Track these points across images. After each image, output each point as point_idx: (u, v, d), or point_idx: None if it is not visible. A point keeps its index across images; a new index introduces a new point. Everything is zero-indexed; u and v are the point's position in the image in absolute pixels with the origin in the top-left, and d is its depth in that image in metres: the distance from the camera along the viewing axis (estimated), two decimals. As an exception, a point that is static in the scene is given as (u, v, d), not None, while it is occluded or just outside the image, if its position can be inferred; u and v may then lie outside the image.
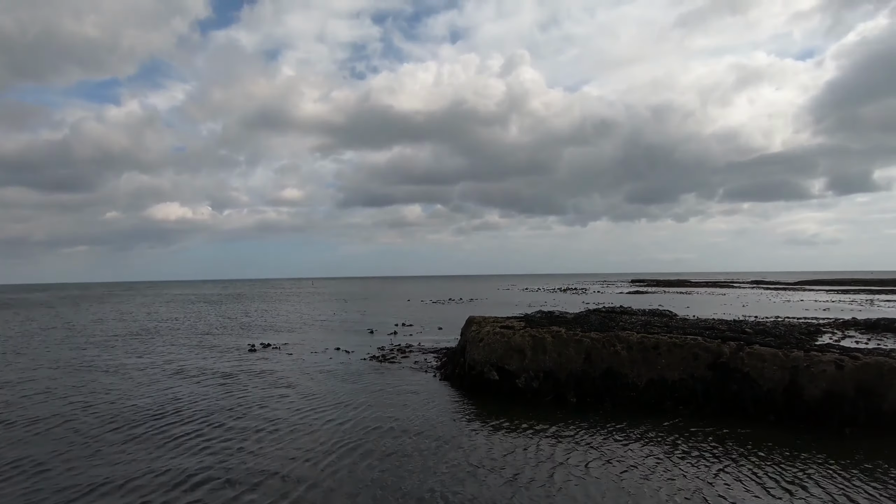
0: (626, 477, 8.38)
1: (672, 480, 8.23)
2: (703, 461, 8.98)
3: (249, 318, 39.81)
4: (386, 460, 9.20)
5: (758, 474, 8.40)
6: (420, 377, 16.40)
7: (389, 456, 9.40)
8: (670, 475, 8.43)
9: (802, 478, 8.25)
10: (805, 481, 8.12)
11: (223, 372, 17.67)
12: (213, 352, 22.54)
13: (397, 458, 9.28)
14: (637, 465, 8.84)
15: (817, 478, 8.24)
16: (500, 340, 14.21)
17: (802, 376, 11.13)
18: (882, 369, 10.64)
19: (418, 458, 9.26)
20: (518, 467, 8.81)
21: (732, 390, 11.71)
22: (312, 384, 15.66)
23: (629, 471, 8.62)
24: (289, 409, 12.70)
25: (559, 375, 13.23)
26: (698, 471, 8.59)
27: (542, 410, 12.24)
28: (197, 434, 10.82)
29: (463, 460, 9.16)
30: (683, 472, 8.56)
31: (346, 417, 11.92)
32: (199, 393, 14.60)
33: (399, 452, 9.58)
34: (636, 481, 8.20)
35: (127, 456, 9.55)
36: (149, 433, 10.92)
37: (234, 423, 11.59)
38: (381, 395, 14.05)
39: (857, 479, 8.18)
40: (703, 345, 12.46)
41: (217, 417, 12.02)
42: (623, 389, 12.60)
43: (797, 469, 8.59)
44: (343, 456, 9.40)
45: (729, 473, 8.45)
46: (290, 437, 10.59)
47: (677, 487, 7.97)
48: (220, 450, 9.81)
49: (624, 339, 13.25)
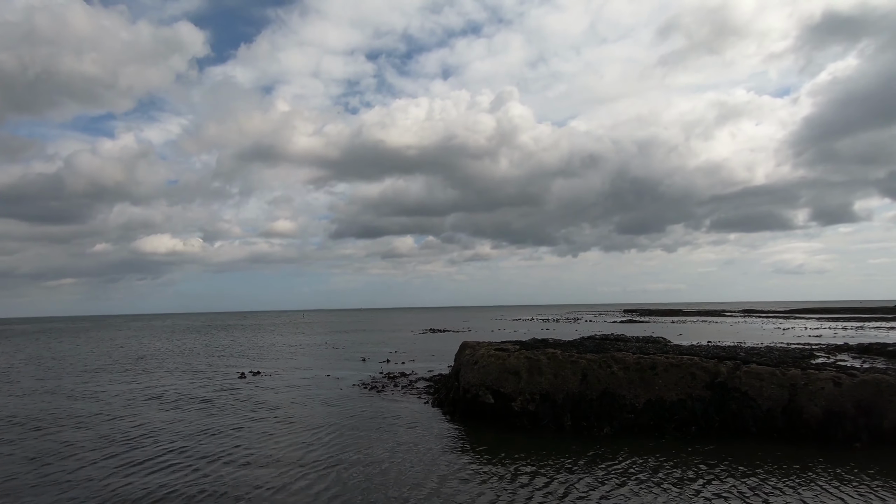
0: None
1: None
2: (712, 491, 8.71)
3: (240, 348, 39.00)
4: (360, 489, 8.82)
5: (766, 499, 8.15)
6: (410, 403, 16.00)
7: (365, 484, 9.03)
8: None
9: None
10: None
11: (206, 398, 17.14)
12: (199, 378, 21.92)
13: (374, 489, 8.90)
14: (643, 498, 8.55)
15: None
16: (495, 363, 13.96)
17: (801, 395, 10.99)
18: (880, 386, 10.55)
19: (396, 491, 8.85)
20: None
21: (732, 410, 11.51)
22: (297, 410, 15.20)
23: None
24: (268, 434, 12.26)
25: (556, 397, 12.95)
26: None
27: (538, 437, 11.78)
28: (161, 457, 10.41)
29: (449, 496, 8.81)
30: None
31: (325, 443, 11.51)
32: (176, 418, 14.10)
33: (376, 482, 9.20)
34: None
35: (89, 477, 9.08)
36: (115, 456, 10.49)
37: (207, 447, 11.14)
38: (367, 422, 13.64)
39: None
40: (700, 364, 12.32)
41: (189, 441, 11.56)
42: (621, 411, 12.34)
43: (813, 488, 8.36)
44: (314, 484, 8.96)
45: (738, 499, 8.20)
46: (264, 461, 10.17)
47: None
48: (183, 474, 9.36)
49: (620, 359, 13.07)
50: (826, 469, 9.14)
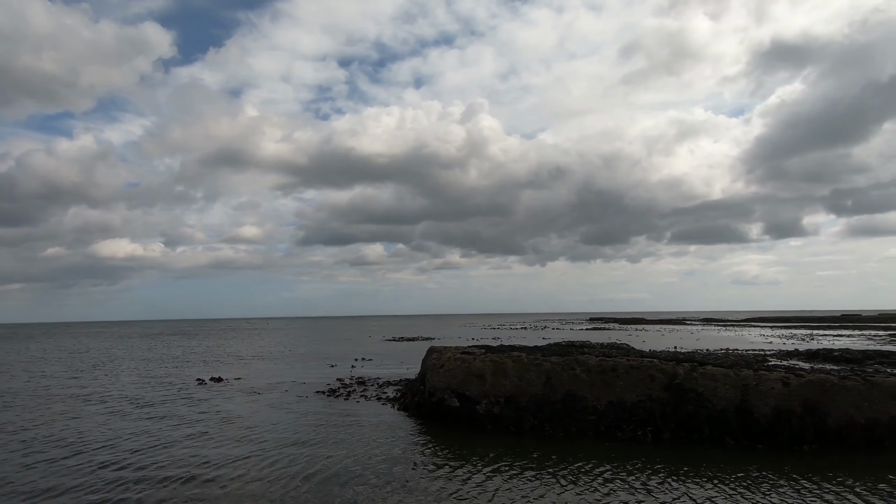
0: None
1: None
2: (665, 487, 8.95)
3: (200, 354, 37.72)
4: (323, 492, 8.68)
5: (716, 497, 8.43)
6: (376, 407, 15.84)
7: (328, 486, 8.89)
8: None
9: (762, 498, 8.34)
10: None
11: (162, 404, 16.49)
12: (156, 385, 21.08)
13: (337, 491, 8.78)
14: (600, 497, 8.71)
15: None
16: (460, 366, 13.99)
17: (753, 395, 11.45)
18: (825, 386, 11.11)
19: (358, 492, 8.77)
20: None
21: (688, 411, 11.87)
22: (258, 415, 14.82)
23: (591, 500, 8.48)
24: (226, 440, 11.90)
25: (520, 400, 13.08)
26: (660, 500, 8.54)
27: (500, 439, 11.90)
28: (101, 465, 9.97)
29: (413, 496, 8.77)
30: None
31: (287, 447, 11.26)
32: (126, 425, 13.51)
33: (340, 483, 9.08)
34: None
35: (22, 483, 8.61)
36: (54, 462, 9.97)
37: (157, 456, 10.73)
38: (332, 425, 13.42)
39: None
40: (658, 366, 12.68)
41: (136, 450, 11.10)
42: (583, 413, 12.55)
43: (759, 490, 8.69)
44: (273, 487, 8.78)
45: (690, 497, 8.45)
46: (222, 469, 9.87)
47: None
48: (123, 487, 9.00)
49: (583, 362, 13.32)
50: (774, 468, 9.55)
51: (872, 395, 10.85)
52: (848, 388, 10.98)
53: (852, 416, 10.71)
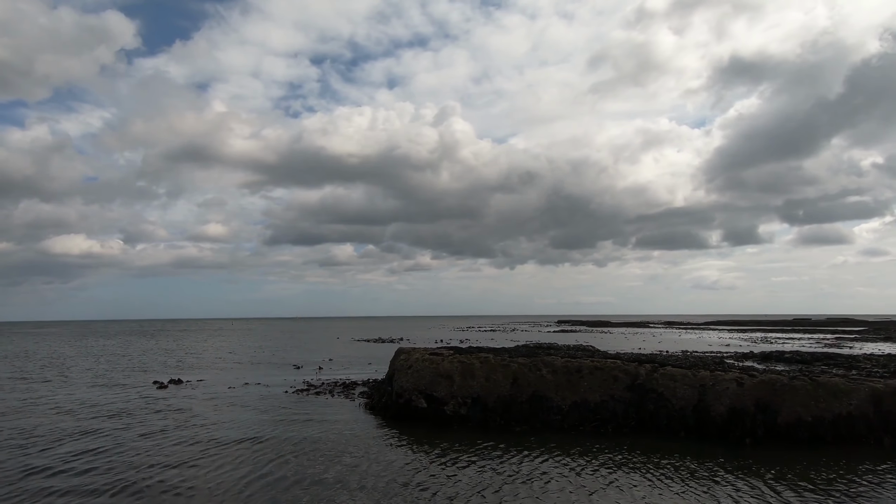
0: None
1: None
2: (621, 479, 9.21)
3: (161, 356, 36.42)
4: (281, 494, 8.57)
5: (667, 486, 8.74)
6: (343, 408, 15.68)
7: (293, 488, 8.78)
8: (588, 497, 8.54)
9: (711, 487, 8.69)
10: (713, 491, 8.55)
11: (119, 408, 15.87)
12: (112, 388, 20.24)
13: (302, 492, 8.68)
14: (559, 490, 8.89)
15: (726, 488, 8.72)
16: (428, 367, 14.02)
17: (709, 394, 11.91)
18: (775, 385, 11.67)
19: (324, 495, 8.68)
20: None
21: (649, 410, 12.26)
22: (221, 418, 14.45)
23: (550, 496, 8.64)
24: (180, 445, 11.56)
25: (487, 401, 13.20)
26: (618, 492, 8.78)
27: (466, 440, 11.93)
28: (29, 471, 9.53)
29: (374, 497, 8.75)
30: (603, 491, 8.72)
31: (250, 450, 11.04)
32: (81, 427, 12.95)
33: (304, 485, 8.98)
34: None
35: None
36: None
37: (113, 461, 10.35)
38: (297, 427, 13.22)
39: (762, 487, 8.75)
40: (622, 367, 13.04)
41: (92, 455, 10.68)
42: (549, 413, 12.78)
43: (708, 480, 9.05)
44: (237, 489, 8.64)
45: (642, 489, 8.73)
46: (185, 474, 9.61)
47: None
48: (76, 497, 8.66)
49: (549, 363, 13.57)
50: (727, 462, 9.97)
51: (818, 395, 11.46)
52: (796, 388, 11.56)
53: (800, 414, 11.28)
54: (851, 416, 11.24)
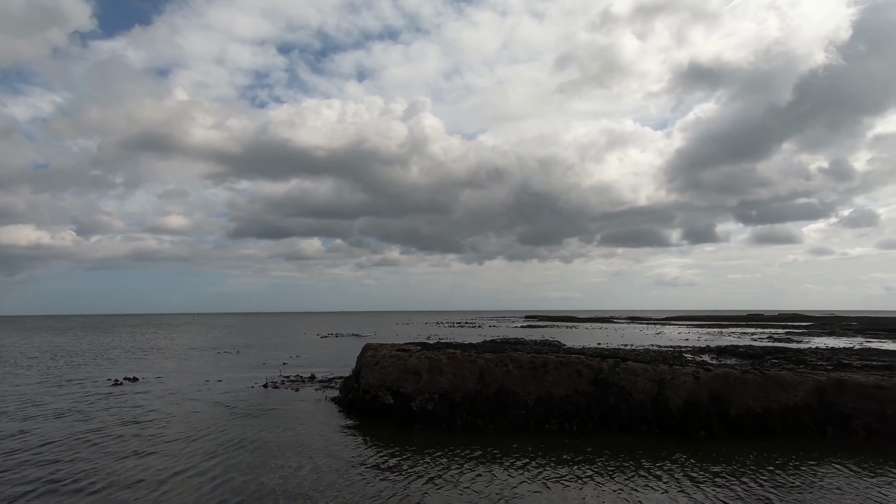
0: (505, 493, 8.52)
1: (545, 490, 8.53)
2: (580, 473, 9.46)
3: (116, 352, 34.97)
4: (251, 490, 8.44)
5: (627, 480, 9.03)
6: (309, 405, 15.49)
7: (256, 485, 8.65)
8: (548, 488, 8.75)
9: (668, 479, 9.04)
10: (669, 482, 8.89)
11: (71, 408, 15.18)
12: (63, 386, 19.32)
13: (265, 488, 8.56)
14: (520, 481, 9.06)
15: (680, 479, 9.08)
16: (395, 363, 13.99)
17: (668, 388, 12.35)
18: (728, 378, 12.20)
19: (295, 489, 8.61)
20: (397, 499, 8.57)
21: (611, 403, 12.61)
22: (180, 417, 14.04)
23: (510, 488, 8.80)
24: (139, 442, 11.21)
25: (454, 396, 13.28)
26: (579, 484, 9.02)
27: (431, 435, 11.99)
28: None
29: (348, 490, 8.72)
30: (563, 483, 8.94)
31: (212, 448, 10.79)
32: (27, 428, 12.35)
33: (268, 481, 8.85)
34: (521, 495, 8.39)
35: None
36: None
37: (69, 465, 9.93)
38: (262, 424, 12.98)
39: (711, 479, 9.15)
40: (585, 362, 13.35)
41: (45, 457, 10.22)
42: (514, 407, 12.97)
43: (664, 472, 9.40)
44: (198, 488, 8.45)
45: (601, 480, 9.00)
46: (144, 469, 9.31)
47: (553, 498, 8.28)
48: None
49: (515, 358, 13.76)
50: (683, 454, 10.38)
51: (768, 387, 12.05)
52: (748, 381, 12.13)
53: (750, 406, 11.85)
54: (797, 408, 11.88)
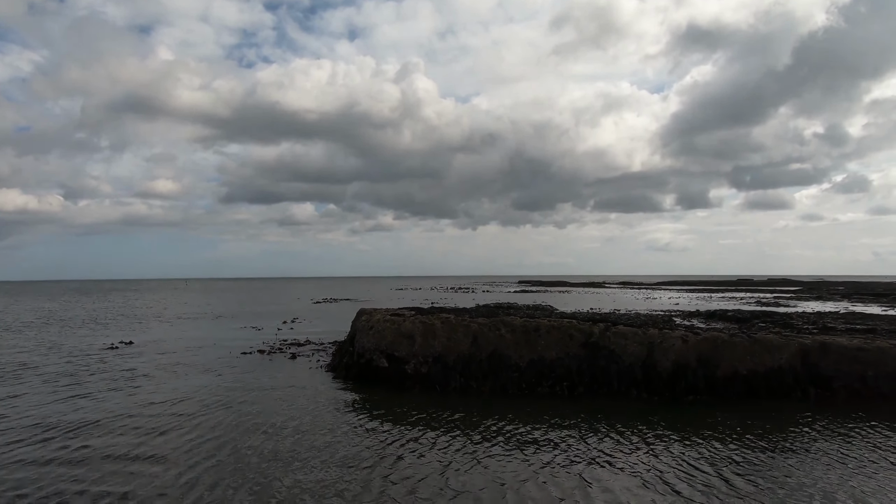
0: (497, 454, 8.77)
1: (531, 457, 8.79)
2: (569, 433, 9.73)
3: (110, 317, 35.06)
4: (251, 454, 8.62)
5: (599, 441, 9.31)
6: (304, 369, 15.71)
7: (257, 447, 8.83)
8: (535, 451, 9.01)
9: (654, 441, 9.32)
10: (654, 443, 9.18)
11: (65, 371, 15.30)
12: (57, 350, 19.43)
13: (265, 452, 8.75)
14: (496, 443, 9.31)
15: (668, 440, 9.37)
16: (390, 327, 14.12)
17: (657, 351, 12.59)
18: (716, 342, 12.44)
19: (287, 450, 8.81)
20: (388, 454, 8.79)
21: (601, 366, 12.87)
22: (177, 380, 14.21)
23: (502, 448, 9.05)
24: (134, 405, 11.37)
25: (448, 360, 13.49)
26: (566, 445, 9.28)
27: (426, 397, 12.34)
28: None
29: (337, 450, 8.92)
30: (554, 445, 9.20)
31: (210, 410, 10.96)
32: (23, 391, 12.46)
33: (268, 445, 9.04)
34: (513, 458, 8.64)
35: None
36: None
37: (65, 426, 10.08)
38: (258, 387, 13.18)
39: (704, 441, 9.45)
40: (577, 326, 13.54)
41: (43, 421, 10.36)
42: (507, 370, 13.22)
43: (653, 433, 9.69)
44: (198, 452, 8.62)
45: (574, 443, 9.27)
46: (139, 433, 9.47)
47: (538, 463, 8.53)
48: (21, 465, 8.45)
49: (508, 323, 13.92)
50: (668, 414, 10.69)
51: (754, 350, 12.32)
52: (735, 344, 12.37)
53: (736, 368, 12.14)
54: (781, 370, 12.19)
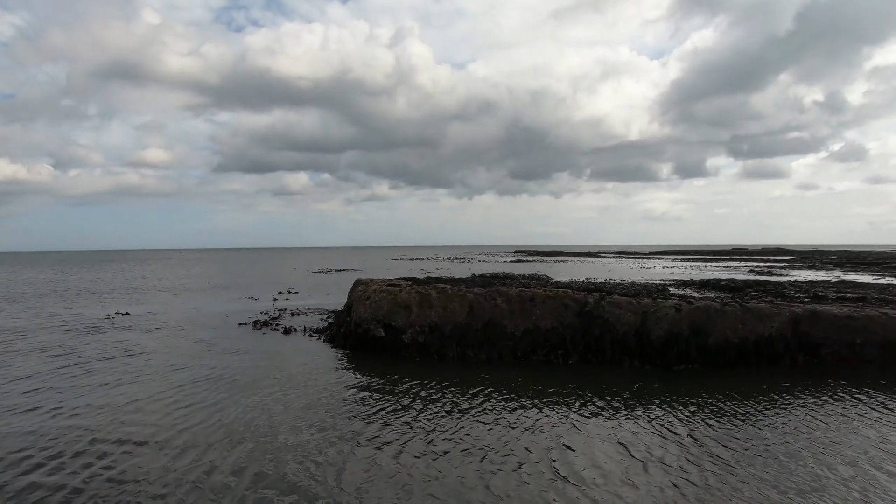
0: (486, 421, 8.95)
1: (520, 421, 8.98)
2: (556, 399, 9.93)
3: (105, 287, 35.04)
4: (251, 420, 8.76)
5: (580, 408, 9.51)
6: (302, 338, 15.84)
7: (255, 415, 8.98)
8: (531, 416, 9.19)
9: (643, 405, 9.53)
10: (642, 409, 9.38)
11: (63, 342, 15.37)
12: (54, 321, 19.47)
13: (264, 419, 8.89)
14: (480, 412, 9.49)
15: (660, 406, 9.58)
16: (386, 298, 14.18)
17: (650, 320, 12.74)
18: (709, 311, 12.59)
19: (286, 420, 8.96)
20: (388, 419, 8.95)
21: (595, 335, 13.03)
22: (176, 349, 14.31)
23: (498, 412, 9.23)
24: (143, 376, 11.48)
25: (444, 329, 13.62)
26: (559, 411, 9.47)
27: (423, 365, 12.54)
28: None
29: (331, 416, 9.07)
30: (545, 413, 9.38)
31: (209, 380, 11.09)
32: (15, 362, 12.55)
33: (268, 412, 9.18)
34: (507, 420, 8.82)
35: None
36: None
37: (65, 395, 10.18)
38: (256, 356, 13.31)
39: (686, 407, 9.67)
40: (572, 296, 13.63)
41: (39, 391, 10.45)
42: (502, 339, 13.38)
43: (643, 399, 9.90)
44: (194, 421, 8.76)
45: (583, 409, 9.46)
46: (138, 404, 9.59)
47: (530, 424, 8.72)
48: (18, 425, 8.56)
49: (504, 292, 13.99)
50: (655, 382, 10.90)
51: (746, 318, 12.48)
52: (727, 313, 12.53)
53: (728, 336, 12.33)
54: (772, 338, 12.39)
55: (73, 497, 5.99)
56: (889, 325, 12.35)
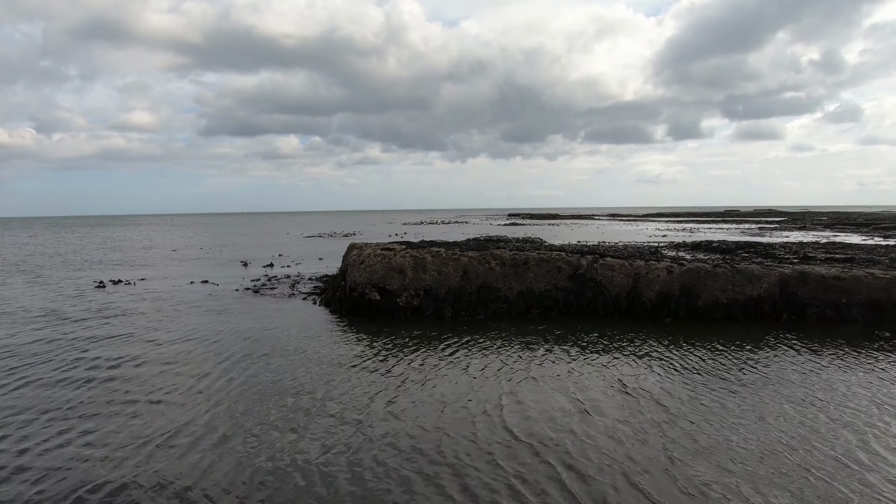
0: (479, 374, 9.17)
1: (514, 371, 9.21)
2: (553, 354, 10.15)
3: (95, 254, 34.85)
4: (247, 386, 8.93)
5: (601, 361, 9.75)
6: (296, 303, 15.95)
7: (252, 381, 9.14)
8: (525, 367, 9.42)
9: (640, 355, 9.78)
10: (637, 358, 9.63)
11: (53, 309, 15.41)
12: (43, 288, 19.44)
13: (261, 385, 9.06)
14: (496, 364, 9.71)
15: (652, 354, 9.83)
16: (381, 262, 14.22)
17: (642, 282, 12.92)
18: (699, 273, 12.76)
19: (282, 383, 9.14)
20: (384, 384, 9.14)
21: (588, 297, 13.23)
22: (169, 317, 14.39)
23: (489, 367, 9.45)
24: (136, 344, 11.60)
25: (438, 292, 13.75)
26: (551, 364, 9.70)
27: (419, 326, 12.72)
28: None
29: (333, 376, 9.25)
30: (536, 364, 9.61)
31: (203, 347, 11.23)
32: (9, 333, 12.62)
33: (263, 378, 9.35)
34: (500, 375, 9.04)
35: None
36: None
37: (56, 363, 10.29)
38: (250, 322, 13.43)
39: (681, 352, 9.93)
40: (565, 259, 13.74)
41: (28, 360, 10.56)
42: (496, 302, 13.55)
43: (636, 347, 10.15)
44: (190, 390, 8.92)
45: (578, 363, 9.70)
46: (136, 373, 9.73)
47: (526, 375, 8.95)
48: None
49: (498, 256, 14.07)
50: (652, 336, 11.16)
51: (735, 280, 12.69)
52: (718, 275, 12.71)
53: (717, 297, 12.56)
54: (760, 298, 12.64)
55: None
56: (874, 285, 12.61)
